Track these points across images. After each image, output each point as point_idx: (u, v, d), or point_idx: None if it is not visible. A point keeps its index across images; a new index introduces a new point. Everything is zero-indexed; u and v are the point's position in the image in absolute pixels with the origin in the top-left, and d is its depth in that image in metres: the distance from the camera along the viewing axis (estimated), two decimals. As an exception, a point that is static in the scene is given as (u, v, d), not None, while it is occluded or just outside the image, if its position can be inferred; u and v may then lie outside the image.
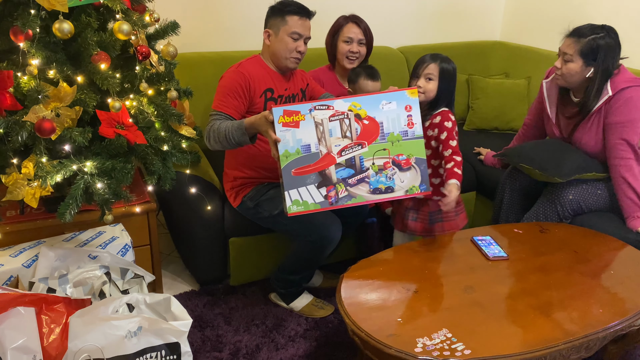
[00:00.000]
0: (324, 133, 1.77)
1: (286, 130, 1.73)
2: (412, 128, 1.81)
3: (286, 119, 1.73)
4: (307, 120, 1.74)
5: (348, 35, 2.34)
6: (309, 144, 1.75)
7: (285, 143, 1.72)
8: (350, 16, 2.40)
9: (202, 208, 2.12)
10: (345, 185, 1.79)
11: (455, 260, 1.80)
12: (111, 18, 1.86)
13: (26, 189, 1.60)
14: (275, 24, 2.00)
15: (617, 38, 2.06)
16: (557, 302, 1.57)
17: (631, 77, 2.06)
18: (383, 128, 1.80)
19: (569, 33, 2.09)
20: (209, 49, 2.68)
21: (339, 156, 1.78)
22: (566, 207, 2.07)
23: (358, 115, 1.80)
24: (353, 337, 1.49)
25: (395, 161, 1.81)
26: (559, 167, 2.08)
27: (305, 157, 1.75)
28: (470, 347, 1.37)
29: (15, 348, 1.40)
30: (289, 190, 1.74)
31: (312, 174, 1.76)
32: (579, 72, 2.06)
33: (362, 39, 2.35)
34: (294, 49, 1.99)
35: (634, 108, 2.02)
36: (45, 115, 1.54)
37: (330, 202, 1.78)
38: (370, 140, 1.80)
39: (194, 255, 2.33)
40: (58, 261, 1.72)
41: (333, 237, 1.98)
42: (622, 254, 1.86)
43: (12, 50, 1.61)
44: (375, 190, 1.81)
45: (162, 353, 1.47)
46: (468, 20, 3.46)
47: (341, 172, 1.78)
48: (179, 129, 1.98)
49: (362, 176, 1.80)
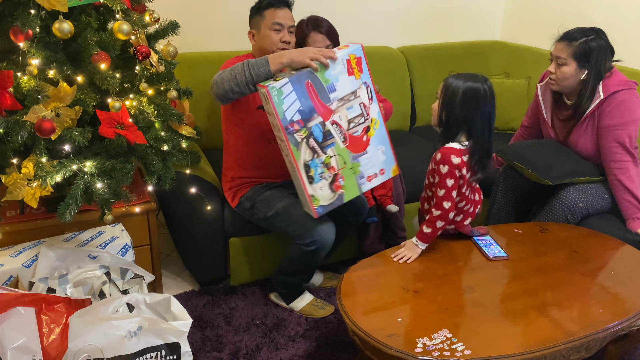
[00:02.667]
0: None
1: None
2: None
3: (354, 64, 1.74)
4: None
5: (315, 47, 2.21)
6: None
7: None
8: (310, 21, 2.21)
9: (202, 208, 2.12)
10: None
11: (455, 260, 1.80)
12: (111, 18, 1.86)
13: (26, 189, 1.60)
14: (256, 22, 2.01)
15: (607, 40, 2.07)
16: (557, 302, 1.57)
17: (623, 79, 2.07)
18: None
19: (559, 37, 2.11)
20: (209, 49, 2.68)
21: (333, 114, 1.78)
22: (576, 214, 2.08)
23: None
24: (353, 337, 1.49)
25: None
26: (550, 170, 2.10)
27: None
28: (470, 347, 1.37)
29: (15, 348, 1.40)
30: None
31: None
32: (574, 75, 2.07)
33: (329, 44, 2.21)
34: (279, 40, 1.96)
35: (626, 111, 2.03)
36: (45, 115, 1.54)
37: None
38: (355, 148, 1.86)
39: (194, 255, 2.33)
40: (58, 261, 1.72)
41: (325, 239, 1.92)
42: (622, 254, 1.86)
43: (12, 50, 1.61)
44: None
45: (162, 353, 1.47)
46: (468, 20, 3.46)
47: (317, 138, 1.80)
48: (179, 129, 1.98)
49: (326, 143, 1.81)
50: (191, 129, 2.02)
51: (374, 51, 3.05)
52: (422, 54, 3.19)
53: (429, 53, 3.20)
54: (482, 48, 3.41)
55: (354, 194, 1.90)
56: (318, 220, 1.89)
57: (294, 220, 1.96)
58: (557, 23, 2.25)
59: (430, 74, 3.15)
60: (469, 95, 1.69)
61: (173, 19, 2.01)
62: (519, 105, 3.07)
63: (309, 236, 1.91)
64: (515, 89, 3.10)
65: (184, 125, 1.98)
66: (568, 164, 2.12)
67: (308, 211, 1.87)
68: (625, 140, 2.04)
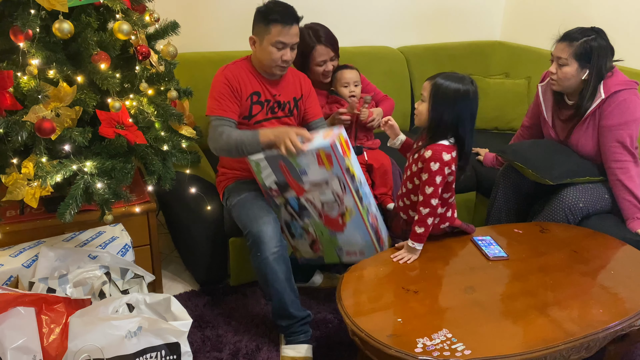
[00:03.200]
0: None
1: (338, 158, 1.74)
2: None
3: (323, 158, 1.75)
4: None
5: (320, 60, 2.27)
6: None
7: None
8: (312, 30, 2.27)
9: (202, 208, 2.12)
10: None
11: (455, 260, 1.80)
12: (111, 18, 1.86)
13: (26, 189, 1.61)
14: (260, 32, 1.93)
15: (608, 39, 2.07)
16: (557, 302, 1.57)
17: (624, 79, 2.07)
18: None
19: (560, 38, 2.11)
20: (209, 49, 2.68)
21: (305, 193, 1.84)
22: (577, 214, 2.08)
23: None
24: (353, 337, 1.49)
25: None
26: (551, 169, 2.10)
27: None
28: (470, 347, 1.37)
29: (15, 348, 1.40)
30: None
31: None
32: (575, 74, 2.07)
33: (333, 55, 2.29)
34: (279, 59, 1.93)
35: (626, 110, 2.03)
36: (45, 115, 1.54)
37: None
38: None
39: (194, 255, 2.33)
40: (58, 261, 1.72)
41: (258, 231, 1.82)
42: (622, 254, 1.86)
43: (12, 50, 1.61)
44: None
45: (162, 353, 1.47)
46: (468, 20, 3.46)
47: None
48: (179, 129, 1.98)
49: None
50: (191, 129, 2.02)
51: (374, 51, 3.05)
52: (422, 54, 3.18)
53: (429, 53, 3.20)
54: (482, 48, 3.41)
55: (335, 260, 1.96)
56: (260, 215, 1.88)
57: (244, 212, 1.94)
58: (557, 23, 2.24)
59: (430, 74, 3.08)
60: (461, 96, 1.71)
61: (173, 19, 2.00)
62: (519, 105, 3.07)
63: (247, 227, 1.87)
64: (516, 89, 3.10)
65: (184, 125, 1.98)
66: (568, 164, 2.12)
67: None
68: (626, 140, 2.04)
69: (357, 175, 1.82)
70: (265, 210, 1.92)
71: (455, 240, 1.91)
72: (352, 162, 1.80)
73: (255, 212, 1.90)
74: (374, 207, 1.92)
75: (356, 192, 1.81)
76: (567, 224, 2.07)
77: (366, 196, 1.86)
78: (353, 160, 1.81)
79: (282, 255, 1.84)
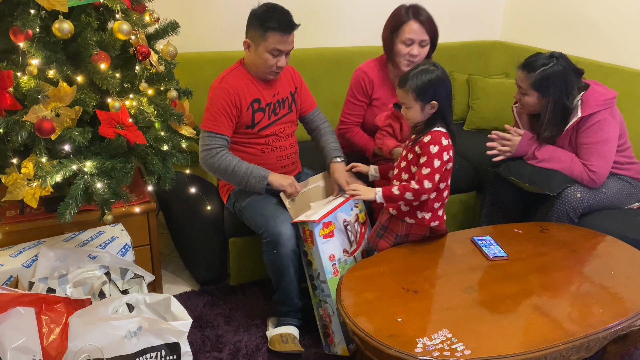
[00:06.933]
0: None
1: (327, 241, 1.81)
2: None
3: (325, 231, 1.80)
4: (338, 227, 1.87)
5: (409, 37, 2.07)
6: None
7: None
8: (411, 8, 2.08)
9: (202, 208, 2.12)
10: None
11: (456, 260, 1.80)
12: (111, 18, 1.86)
13: (26, 189, 1.61)
14: (256, 38, 1.88)
15: (569, 62, 2.06)
16: (557, 302, 1.57)
17: (601, 99, 2.07)
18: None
19: (520, 65, 2.10)
20: (209, 49, 2.67)
21: None
22: (577, 208, 2.07)
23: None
24: (353, 337, 1.49)
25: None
26: (548, 181, 2.10)
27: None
28: (470, 347, 1.37)
29: (15, 348, 1.40)
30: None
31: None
32: (537, 102, 2.10)
33: (424, 39, 2.09)
34: (274, 65, 1.92)
35: (600, 131, 2.06)
36: (45, 115, 1.54)
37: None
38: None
39: (194, 255, 2.33)
40: (58, 261, 1.72)
41: (277, 232, 1.85)
42: (622, 254, 1.86)
43: (12, 50, 1.61)
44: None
45: (162, 353, 1.47)
46: (468, 20, 3.45)
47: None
48: (179, 129, 1.98)
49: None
50: (191, 129, 2.02)
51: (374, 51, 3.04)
52: (422, 54, 3.18)
53: (429, 53, 3.20)
54: (482, 48, 3.41)
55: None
56: (276, 214, 1.91)
57: (258, 212, 1.96)
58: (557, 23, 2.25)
59: (430, 74, 3.13)
60: (435, 81, 1.71)
61: (173, 19, 2.00)
62: (519, 105, 3.06)
63: (263, 227, 1.90)
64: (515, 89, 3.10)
65: (184, 125, 1.98)
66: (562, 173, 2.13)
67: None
68: (600, 154, 2.07)
69: (315, 266, 1.83)
70: (279, 209, 1.94)
71: (455, 240, 1.91)
72: (316, 253, 1.80)
73: (270, 211, 1.93)
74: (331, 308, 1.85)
75: (310, 277, 1.88)
76: (567, 223, 2.07)
77: (322, 291, 1.84)
78: (317, 252, 1.79)
79: (297, 254, 1.90)
